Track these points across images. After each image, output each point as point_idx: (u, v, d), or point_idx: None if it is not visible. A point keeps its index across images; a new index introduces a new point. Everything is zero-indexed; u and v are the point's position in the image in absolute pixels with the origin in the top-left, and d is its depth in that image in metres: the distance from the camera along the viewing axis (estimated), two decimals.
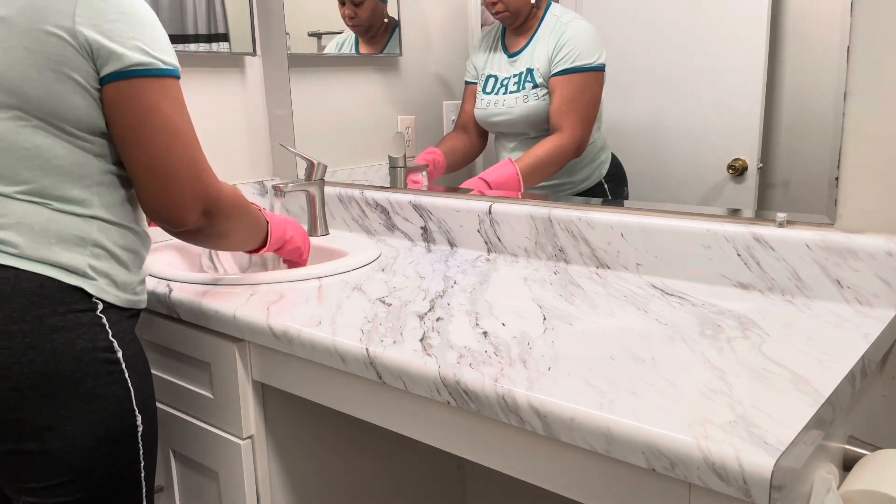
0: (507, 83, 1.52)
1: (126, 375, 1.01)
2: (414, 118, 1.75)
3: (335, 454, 1.36)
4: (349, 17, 1.75)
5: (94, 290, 0.99)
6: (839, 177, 1.09)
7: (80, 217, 0.99)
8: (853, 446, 0.89)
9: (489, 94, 1.55)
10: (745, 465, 0.66)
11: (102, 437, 0.99)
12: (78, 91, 0.96)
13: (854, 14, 1.04)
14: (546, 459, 0.83)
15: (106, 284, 1.01)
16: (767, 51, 1.23)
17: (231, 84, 1.82)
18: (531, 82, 1.47)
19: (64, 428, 0.96)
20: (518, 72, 1.50)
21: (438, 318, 1.06)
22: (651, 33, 1.37)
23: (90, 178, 1.00)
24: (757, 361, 0.87)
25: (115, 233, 1.03)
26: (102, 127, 1.00)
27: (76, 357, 0.96)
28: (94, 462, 0.98)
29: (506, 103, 1.52)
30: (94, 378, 0.97)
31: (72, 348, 0.95)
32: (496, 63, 1.55)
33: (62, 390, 0.95)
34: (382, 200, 1.64)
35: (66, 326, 0.96)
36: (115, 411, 1.00)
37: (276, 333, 1.07)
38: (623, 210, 1.32)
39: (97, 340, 0.98)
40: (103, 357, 0.98)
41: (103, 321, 1.00)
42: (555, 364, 0.88)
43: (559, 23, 1.45)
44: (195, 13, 1.70)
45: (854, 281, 1.07)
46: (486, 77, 1.56)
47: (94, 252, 1.00)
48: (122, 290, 1.03)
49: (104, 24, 0.95)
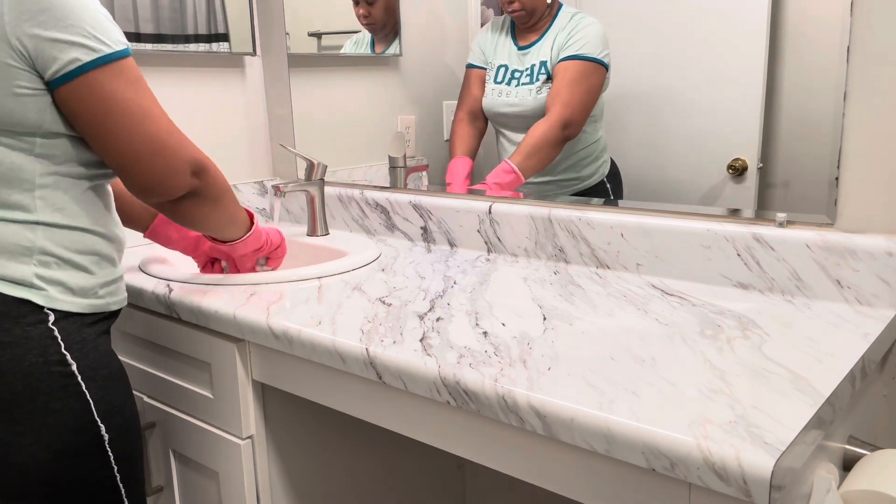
0: (519, 75, 1.52)
1: (83, 388, 0.97)
2: (414, 118, 1.75)
3: (335, 454, 1.36)
4: (363, 16, 1.75)
5: (43, 300, 0.95)
6: (839, 177, 1.09)
7: (23, 224, 0.95)
8: (853, 446, 0.88)
9: (500, 84, 1.55)
10: (745, 465, 0.66)
11: (61, 451, 0.96)
12: (13, 97, 0.91)
13: (854, 14, 1.04)
14: (546, 459, 0.83)
15: (58, 292, 0.97)
16: (767, 51, 1.23)
17: (231, 84, 1.82)
18: (545, 74, 1.48)
19: (20, 443, 0.94)
20: (530, 64, 1.50)
21: (438, 318, 1.06)
22: (651, 33, 1.37)
23: (31, 182, 0.95)
24: (757, 361, 0.87)
25: (65, 236, 0.98)
26: (49, 127, 0.95)
27: (26, 373, 0.93)
28: (57, 473, 0.96)
29: (518, 94, 1.52)
30: (46, 393, 0.94)
31: (20, 364, 0.93)
32: (506, 53, 1.55)
33: (14, 407, 0.93)
34: (382, 200, 1.64)
35: (14, 342, 0.93)
36: (73, 425, 0.96)
37: (276, 333, 1.07)
38: (623, 210, 1.32)
39: (48, 355, 0.95)
40: (56, 371, 0.95)
41: (55, 333, 0.96)
42: (555, 364, 0.88)
43: (573, 19, 1.46)
44: (195, 13, 1.70)
45: (854, 281, 1.07)
46: (496, 66, 1.56)
47: (41, 260, 0.96)
48: (81, 296, 0.99)
49: (37, 18, 0.89)
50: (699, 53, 1.32)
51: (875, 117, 1.04)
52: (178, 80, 1.71)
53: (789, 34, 1.21)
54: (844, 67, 1.05)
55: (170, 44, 1.67)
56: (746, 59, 1.26)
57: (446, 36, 1.68)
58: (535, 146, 1.48)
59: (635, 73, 1.40)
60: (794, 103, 1.22)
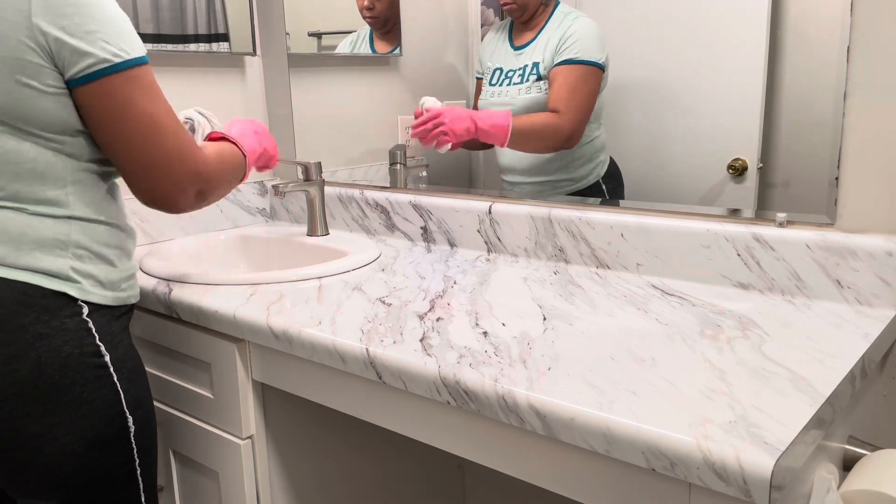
0: (511, 75, 1.52)
1: (115, 379, 1.00)
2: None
3: (335, 454, 1.36)
4: (367, 8, 1.74)
5: (78, 293, 0.98)
6: (839, 177, 1.09)
7: (58, 219, 0.98)
8: (853, 446, 0.88)
9: (494, 86, 1.56)
10: (745, 465, 0.66)
11: (93, 442, 0.98)
12: (41, 95, 0.94)
13: (854, 14, 1.04)
14: (546, 459, 0.83)
15: (91, 285, 1.00)
16: (767, 51, 1.23)
17: (231, 84, 1.82)
18: (535, 74, 1.48)
19: (54, 434, 0.96)
20: (523, 65, 1.51)
21: (438, 318, 1.06)
22: (651, 33, 1.37)
23: (64, 179, 0.98)
24: (757, 361, 0.87)
25: (96, 230, 1.01)
26: (74, 126, 0.97)
27: (63, 364, 0.95)
28: (86, 465, 0.99)
29: (508, 94, 1.52)
30: (81, 384, 0.97)
31: (58, 355, 0.95)
32: (502, 56, 1.55)
33: (50, 398, 0.95)
34: (382, 200, 1.64)
35: (51, 333, 0.95)
36: (105, 415, 0.99)
37: (276, 333, 1.07)
38: (623, 210, 1.32)
39: (84, 346, 0.97)
40: (91, 362, 0.98)
41: (90, 325, 0.99)
42: (555, 364, 0.88)
43: (566, 19, 1.46)
44: (195, 13, 1.70)
45: (854, 281, 1.07)
46: (492, 70, 1.57)
47: (76, 254, 0.99)
48: (110, 289, 1.02)
49: (62, 20, 0.92)
50: (699, 53, 1.32)
51: (875, 117, 1.04)
52: (178, 80, 1.71)
53: (789, 34, 1.21)
54: (844, 67, 1.05)
55: (170, 44, 1.67)
56: (746, 59, 1.26)
57: (446, 36, 1.68)
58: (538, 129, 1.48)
59: (635, 73, 1.40)
60: (794, 103, 1.22)
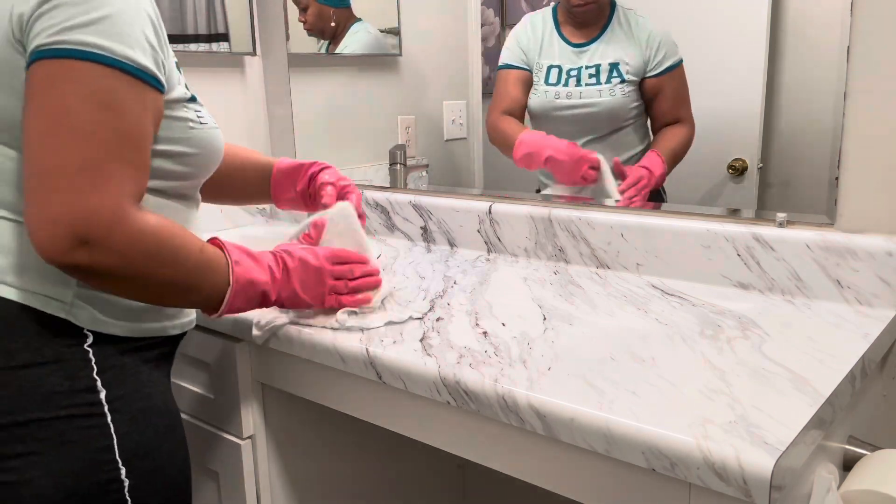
0: (577, 74, 1.45)
1: (108, 419, 0.85)
2: (414, 118, 1.75)
3: (335, 454, 1.36)
4: (301, 21, 1.80)
5: (80, 320, 0.85)
6: (839, 177, 1.08)
7: None
8: (853, 446, 0.88)
9: (554, 86, 1.47)
10: (745, 465, 0.66)
11: (72, 492, 0.82)
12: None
13: (854, 14, 1.04)
14: (546, 459, 0.83)
15: (98, 312, 0.86)
16: (767, 51, 1.23)
17: (231, 84, 1.82)
18: (618, 77, 1.41)
19: (31, 474, 0.81)
20: (593, 63, 1.44)
21: (438, 318, 1.06)
22: None
23: None
24: (757, 361, 0.87)
25: None
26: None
27: (45, 396, 0.82)
28: None
29: (585, 95, 1.45)
30: (65, 420, 0.82)
31: (41, 387, 0.82)
32: (555, 53, 1.48)
33: (28, 432, 0.81)
34: (382, 200, 1.64)
35: (41, 363, 0.83)
36: (88, 461, 0.83)
37: (277, 333, 1.07)
38: (623, 210, 1.32)
39: (75, 378, 0.84)
40: (81, 398, 0.83)
41: (89, 356, 0.85)
42: (555, 364, 0.88)
43: (636, 20, 1.40)
44: (195, 13, 1.70)
45: (854, 281, 1.07)
46: (545, 67, 1.49)
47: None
48: (124, 319, 0.88)
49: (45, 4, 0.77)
50: (699, 53, 1.32)
51: (875, 117, 1.04)
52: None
53: (789, 34, 1.21)
54: (844, 67, 1.05)
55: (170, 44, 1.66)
56: (746, 59, 1.26)
57: (446, 36, 1.68)
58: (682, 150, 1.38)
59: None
60: (794, 103, 1.22)
